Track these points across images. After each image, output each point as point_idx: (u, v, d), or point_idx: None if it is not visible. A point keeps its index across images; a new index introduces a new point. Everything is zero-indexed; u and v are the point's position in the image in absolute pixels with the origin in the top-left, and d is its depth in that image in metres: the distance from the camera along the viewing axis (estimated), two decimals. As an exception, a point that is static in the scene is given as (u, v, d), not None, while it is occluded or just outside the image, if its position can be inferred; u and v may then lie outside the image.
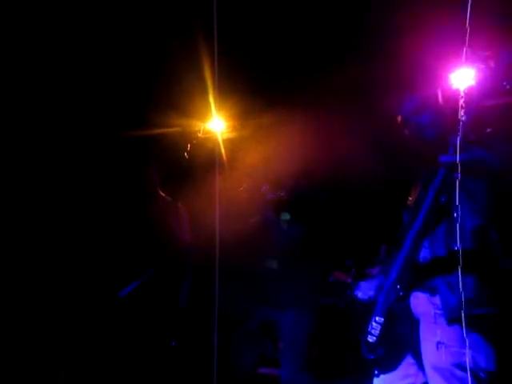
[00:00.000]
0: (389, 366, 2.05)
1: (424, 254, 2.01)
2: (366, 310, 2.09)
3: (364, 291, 2.17)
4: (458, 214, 1.68)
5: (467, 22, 1.63)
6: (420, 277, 1.97)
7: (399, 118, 2.17)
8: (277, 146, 3.29)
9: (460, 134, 1.77)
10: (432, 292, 1.93)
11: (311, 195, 3.24)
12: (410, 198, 2.19)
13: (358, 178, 3.71)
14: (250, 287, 3.17)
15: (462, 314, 1.79)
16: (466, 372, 1.81)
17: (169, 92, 3.61)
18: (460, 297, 1.82)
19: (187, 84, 3.45)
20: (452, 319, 1.87)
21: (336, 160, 3.37)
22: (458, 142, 1.76)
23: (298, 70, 3.64)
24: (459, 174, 1.71)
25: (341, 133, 3.48)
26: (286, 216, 3.19)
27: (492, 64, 1.79)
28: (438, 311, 1.90)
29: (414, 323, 2.00)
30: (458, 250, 1.80)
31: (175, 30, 3.30)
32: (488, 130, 1.99)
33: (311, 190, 3.28)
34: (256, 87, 3.62)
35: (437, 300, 1.92)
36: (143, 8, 3.17)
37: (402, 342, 2.04)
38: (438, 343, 1.87)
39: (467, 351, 1.79)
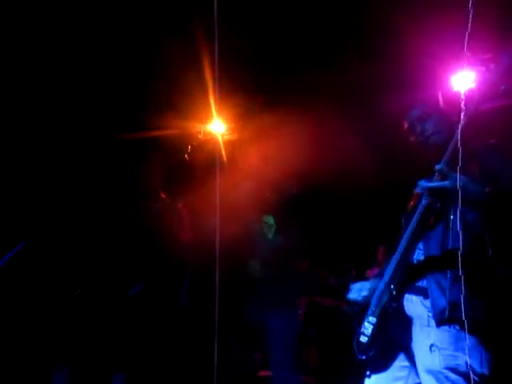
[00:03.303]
0: (381, 368, 2.04)
1: (418, 256, 2.02)
2: (361, 311, 2.09)
3: (357, 292, 2.17)
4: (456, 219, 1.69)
5: (468, 24, 1.63)
6: (413, 278, 1.97)
7: (405, 125, 2.17)
8: (277, 147, 3.29)
9: (460, 138, 1.77)
10: (425, 295, 1.93)
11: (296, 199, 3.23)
12: (412, 203, 2.19)
13: (359, 180, 3.71)
14: (246, 288, 3.17)
15: (456, 317, 1.80)
16: (460, 375, 1.80)
17: (169, 94, 3.61)
18: (449, 299, 1.83)
19: (187, 86, 3.45)
20: (440, 321, 1.86)
21: (336, 161, 3.37)
22: (460, 147, 1.76)
23: (299, 71, 3.64)
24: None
25: (341, 134, 3.47)
26: (269, 220, 3.17)
27: (492, 67, 1.79)
28: (431, 314, 1.90)
29: (407, 326, 1.99)
30: (451, 253, 1.81)
31: (175, 32, 3.29)
32: (491, 141, 1.99)
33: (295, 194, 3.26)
34: (256, 89, 3.62)
35: (429, 303, 1.92)
36: (143, 10, 3.16)
37: (394, 344, 2.03)
38: (431, 346, 1.86)
39: (461, 354, 1.80)
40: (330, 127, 3.49)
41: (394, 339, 2.03)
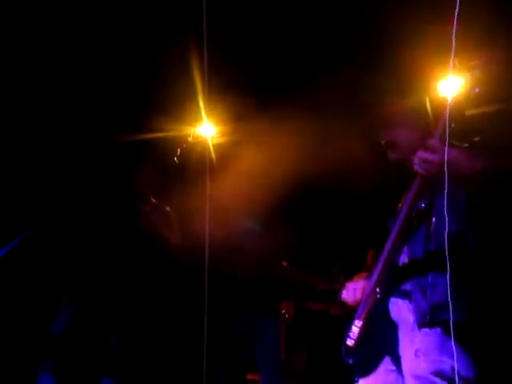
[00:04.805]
0: (368, 373, 2.05)
1: (403, 258, 2.03)
2: (350, 314, 2.10)
3: (352, 292, 2.18)
4: (437, 218, 1.68)
5: (453, 31, 1.65)
6: (398, 281, 1.99)
7: (382, 143, 2.18)
8: (268, 151, 3.29)
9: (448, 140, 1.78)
10: (410, 298, 1.95)
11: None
12: (400, 205, 2.20)
13: (349, 183, 3.72)
14: (235, 291, 3.16)
15: (438, 320, 1.80)
16: (445, 380, 1.80)
17: (159, 96, 3.61)
18: (430, 302, 1.83)
19: (177, 88, 3.45)
20: (422, 324, 1.87)
21: (328, 165, 3.37)
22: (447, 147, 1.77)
23: (290, 74, 3.66)
24: (446, 175, 1.71)
25: (333, 138, 3.48)
26: (253, 224, 3.18)
27: (478, 73, 1.81)
28: (415, 317, 1.91)
29: (393, 330, 2.00)
30: (433, 255, 1.81)
31: (165, 35, 3.30)
32: (476, 139, 2.00)
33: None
34: (247, 91, 3.62)
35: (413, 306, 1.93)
36: (134, 14, 3.18)
37: (382, 348, 2.04)
38: (417, 351, 1.87)
39: (446, 359, 1.80)
40: (322, 131, 3.50)
41: (381, 343, 2.04)
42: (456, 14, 1.61)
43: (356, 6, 3.12)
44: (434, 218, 1.89)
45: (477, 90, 1.79)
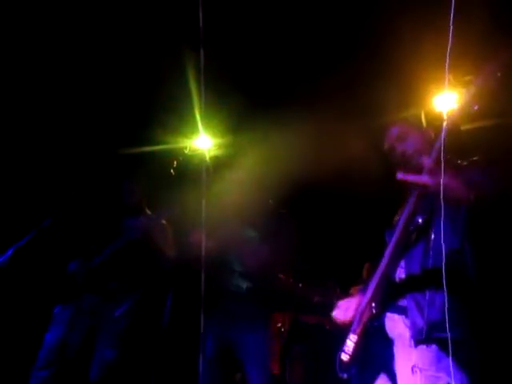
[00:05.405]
0: None
1: (400, 273, 2.02)
2: (346, 328, 2.08)
3: (343, 310, 2.16)
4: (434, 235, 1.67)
5: (449, 47, 1.65)
6: (394, 296, 1.97)
7: (385, 145, 2.18)
8: (264, 162, 3.29)
9: (443, 155, 1.78)
10: (407, 314, 1.93)
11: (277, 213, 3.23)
12: (396, 218, 2.19)
13: (345, 196, 3.72)
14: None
15: (434, 337, 1.78)
16: None
17: (156, 109, 3.62)
18: (427, 319, 1.82)
19: (174, 101, 3.46)
20: (418, 341, 1.86)
21: (328, 168, 3.37)
22: (442, 162, 1.77)
23: (286, 85, 3.66)
24: (442, 196, 1.71)
25: (329, 148, 3.48)
26: (249, 232, 3.16)
27: (474, 90, 1.81)
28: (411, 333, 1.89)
29: (389, 345, 1.99)
30: (430, 272, 1.80)
31: (162, 48, 3.31)
32: (475, 158, 2.00)
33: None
34: (246, 94, 3.62)
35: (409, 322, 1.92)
36: (131, 28, 3.19)
37: (377, 364, 2.03)
38: (414, 367, 1.85)
39: (443, 375, 1.78)
40: (317, 141, 3.49)
41: (377, 359, 2.02)
42: (450, 29, 1.62)
43: (355, 9, 3.12)
44: (433, 235, 1.88)
45: (476, 108, 1.79)
